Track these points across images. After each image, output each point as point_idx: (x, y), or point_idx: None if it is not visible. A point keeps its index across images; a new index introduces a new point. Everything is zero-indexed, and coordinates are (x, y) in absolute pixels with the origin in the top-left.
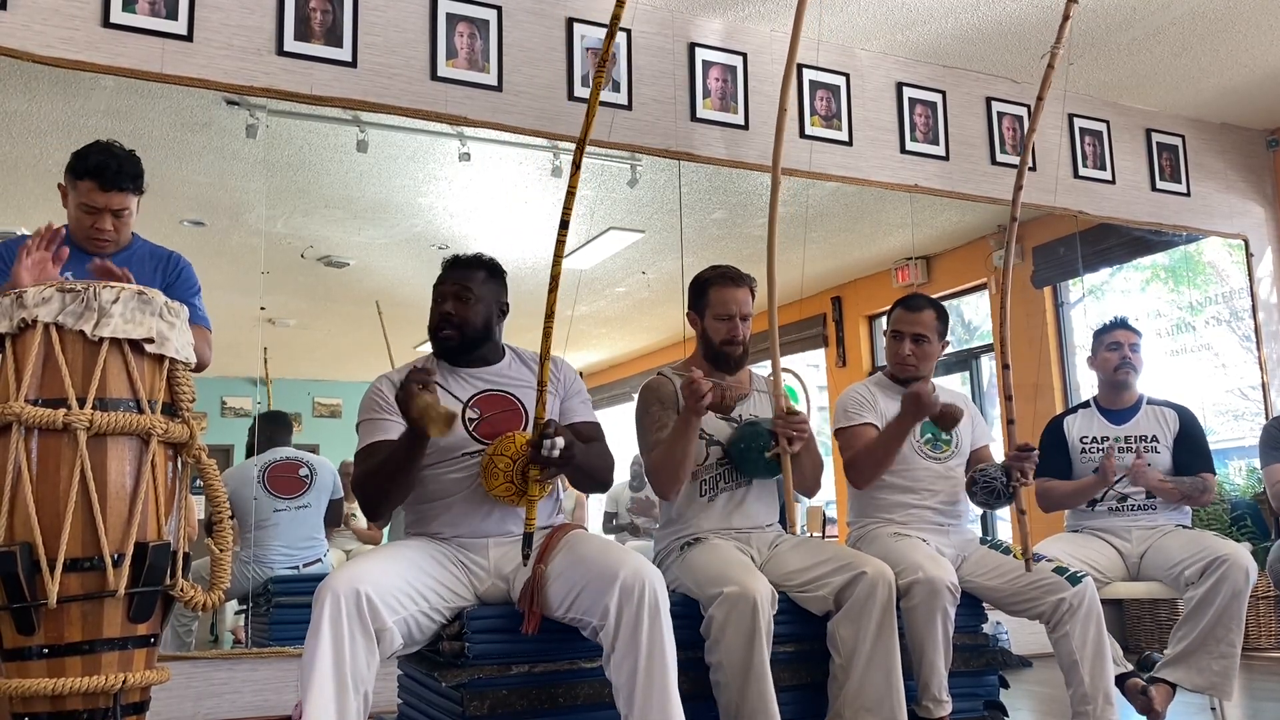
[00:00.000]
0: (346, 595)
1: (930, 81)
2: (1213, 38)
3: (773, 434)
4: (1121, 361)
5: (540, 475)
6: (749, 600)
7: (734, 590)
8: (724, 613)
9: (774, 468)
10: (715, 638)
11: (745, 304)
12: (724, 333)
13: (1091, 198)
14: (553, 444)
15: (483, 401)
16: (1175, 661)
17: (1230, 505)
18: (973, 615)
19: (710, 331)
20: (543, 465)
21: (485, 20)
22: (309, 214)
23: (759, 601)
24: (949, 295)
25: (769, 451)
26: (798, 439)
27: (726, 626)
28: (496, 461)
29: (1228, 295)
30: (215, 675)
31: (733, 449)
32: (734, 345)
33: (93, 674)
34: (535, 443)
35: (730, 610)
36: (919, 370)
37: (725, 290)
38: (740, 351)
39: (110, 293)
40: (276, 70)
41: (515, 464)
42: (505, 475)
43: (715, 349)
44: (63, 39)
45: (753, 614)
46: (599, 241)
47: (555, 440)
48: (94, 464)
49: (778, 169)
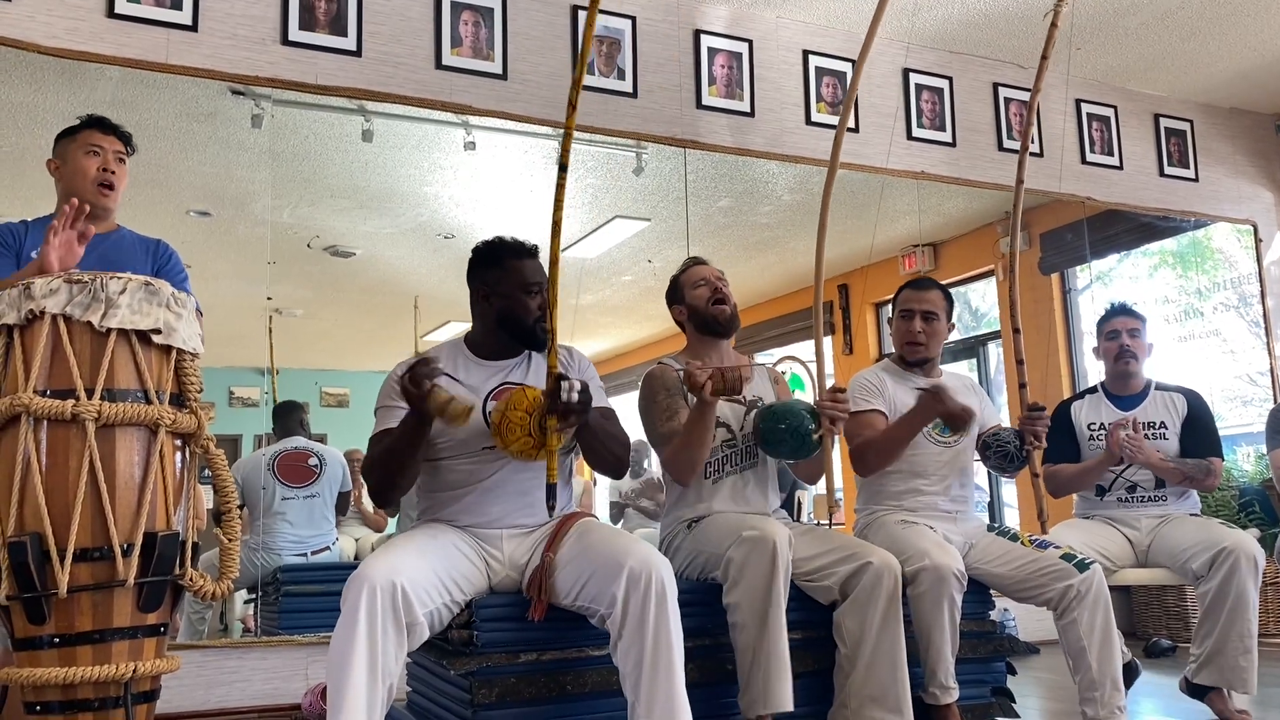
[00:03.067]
0: (384, 587)
1: (937, 67)
2: (1221, 22)
3: (812, 414)
4: (1121, 350)
5: (559, 424)
6: (769, 541)
7: (753, 533)
8: (744, 553)
9: (813, 447)
10: (734, 578)
11: (715, 271)
12: (705, 295)
13: (1099, 183)
14: (570, 386)
15: (502, 396)
16: (1206, 663)
17: (1239, 491)
18: (980, 602)
19: (694, 302)
20: (561, 414)
21: (490, 8)
22: (315, 204)
23: (778, 543)
24: (956, 282)
25: (815, 433)
26: (842, 419)
27: (746, 566)
28: (510, 416)
29: (1236, 281)
30: (225, 664)
31: (766, 426)
32: (721, 305)
33: (103, 663)
34: (552, 391)
35: (749, 551)
36: (929, 350)
37: (693, 268)
38: (729, 313)
39: (118, 283)
40: (281, 60)
41: (531, 417)
42: (522, 428)
43: (703, 316)
44: (68, 29)
45: (773, 553)
46: (604, 230)
47: (572, 383)
48: (103, 454)
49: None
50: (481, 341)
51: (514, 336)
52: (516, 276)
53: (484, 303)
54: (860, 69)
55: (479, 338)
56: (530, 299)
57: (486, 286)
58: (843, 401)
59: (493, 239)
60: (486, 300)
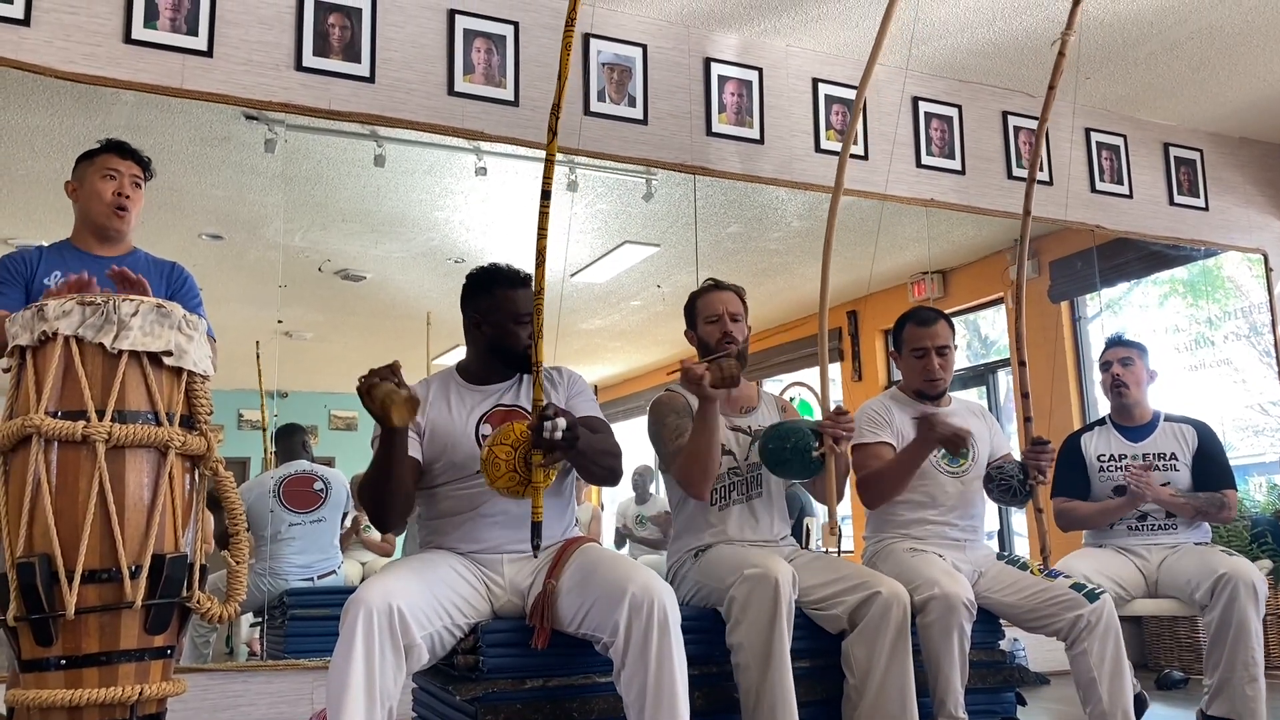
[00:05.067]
0: (380, 609)
1: (946, 96)
2: (1230, 52)
3: (815, 433)
4: (1113, 380)
5: (544, 460)
6: (770, 579)
7: (755, 571)
8: (745, 591)
9: (816, 466)
10: (737, 618)
11: (731, 303)
12: (716, 334)
13: (1109, 212)
14: (554, 425)
15: (494, 418)
16: (1217, 694)
17: (1251, 522)
18: (990, 631)
19: (704, 337)
20: (546, 450)
21: (502, 36)
22: (326, 228)
23: (780, 581)
24: (965, 310)
25: (816, 450)
26: (845, 438)
27: (748, 606)
28: (496, 452)
29: (1247, 310)
30: (231, 687)
31: (773, 446)
32: (729, 345)
33: (109, 685)
34: (535, 426)
35: (752, 589)
36: (947, 383)
37: (710, 296)
38: (735, 353)
39: (130, 305)
40: (295, 85)
41: (516, 452)
42: (507, 465)
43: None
44: (85, 55)
45: (774, 592)
46: (614, 255)
47: (556, 421)
48: (112, 476)
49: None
50: (474, 369)
51: (505, 364)
52: (508, 306)
53: (476, 330)
54: (861, 96)
55: (471, 365)
56: (521, 329)
57: (479, 315)
58: (845, 421)
59: (486, 266)
60: (478, 328)
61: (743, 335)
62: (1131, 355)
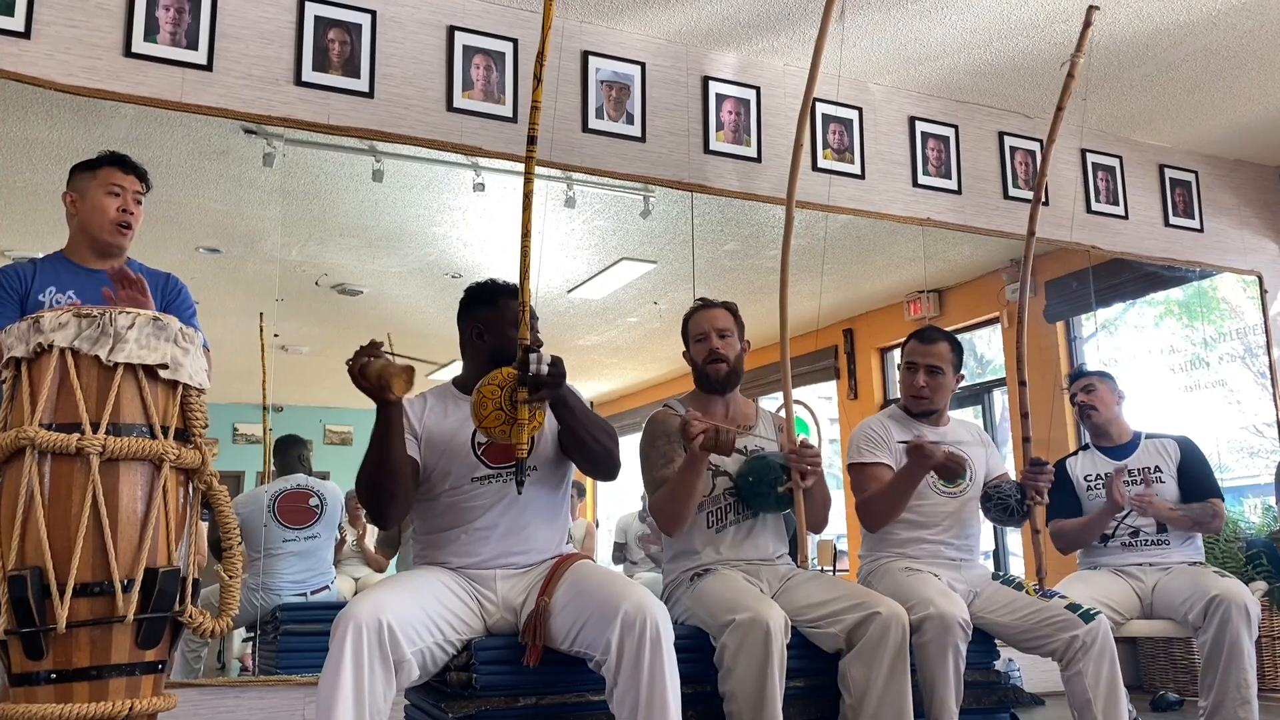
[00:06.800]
0: (369, 625)
1: (943, 116)
2: (1226, 74)
3: (784, 468)
4: (1080, 409)
5: (529, 397)
6: (761, 627)
7: (746, 617)
8: (736, 641)
9: (784, 502)
10: (728, 667)
11: (719, 320)
12: (704, 353)
13: (1104, 233)
14: (539, 357)
15: None
16: (1211, 715)
17: (1246, 544)
18: (985, 652)
19: (694, 356)
20: (532, 386)
21: (501, 53)
22: (324, 242)
23: (772, 629)
24: (961, 329)
25: (781, 486)
26: (811, 473)
27: (739, 655)
28: (485, 391)
29: (1242, 331)
30: (222, 703)
31: (742, 483)
32: (716, 363)
33: (100, 700)
34: (521, 361)
35: (743, 638)
36: (933, 403)
37: (697, 315)
38: (725, 370)
39: (126, 318)
40: (294, 100)
41: (503, 391)
42: (494, 403)
43: (700, 373)
44: (85, 68)
45: (765, 642)
46: (611, 271)
47: (541, 354)
48: (106, 489)
49: (792, 202)
50: (471, 381)
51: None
52: (511, 315)
53: (478, 341)
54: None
55: (469, 378)
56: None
57: (481, 325)
58: (810, 455)
59: (486, 280)
60: (480, 338)
61: (734, 351)
62: (1093, 382)
